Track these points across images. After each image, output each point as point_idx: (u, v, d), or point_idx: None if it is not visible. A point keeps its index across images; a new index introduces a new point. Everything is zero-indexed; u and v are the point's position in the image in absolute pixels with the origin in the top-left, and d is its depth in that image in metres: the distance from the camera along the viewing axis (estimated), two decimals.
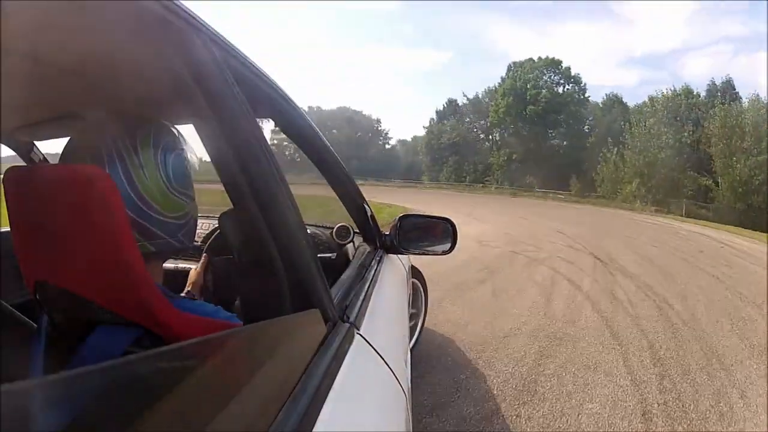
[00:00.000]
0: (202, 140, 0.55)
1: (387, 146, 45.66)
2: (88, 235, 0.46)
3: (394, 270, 1.46)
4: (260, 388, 0.40)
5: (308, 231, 0.62)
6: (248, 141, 0.54)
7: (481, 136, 37.73)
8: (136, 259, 0.47)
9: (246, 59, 0.64)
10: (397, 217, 1.45)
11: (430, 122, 40.42)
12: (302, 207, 0.64)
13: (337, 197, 1.29)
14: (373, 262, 1.23)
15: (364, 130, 43.66)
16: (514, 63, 34.95)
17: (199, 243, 1.44)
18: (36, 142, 1.26)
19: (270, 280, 0.57)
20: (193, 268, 1.17)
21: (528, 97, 32.49)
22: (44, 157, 1.31)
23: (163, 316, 0.48)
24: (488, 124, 35.58)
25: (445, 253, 1.45)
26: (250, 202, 0.55)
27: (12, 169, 0.51)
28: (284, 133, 0.92)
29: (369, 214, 1.37)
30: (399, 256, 1.60)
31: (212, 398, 0.35)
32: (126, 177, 0.52)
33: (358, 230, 1.50)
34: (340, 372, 0.54)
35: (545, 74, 33.46)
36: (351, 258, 1.48)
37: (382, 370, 0.73)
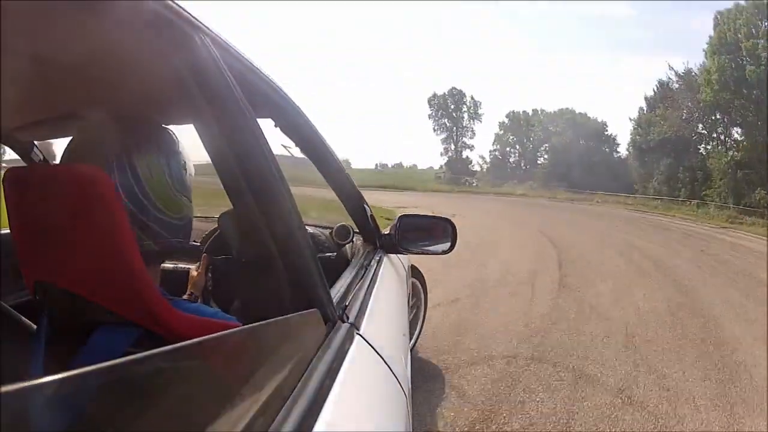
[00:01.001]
0: (202, 140, 0.55)
1: (615, 154, 35.23)
2: (88, 235, 0.46)
3: (393, 270, 1.46)
4: (260, 388, 0.40)
5: (308, 231, 0.62)
6: (248, 141, 0.54)
7: (701, 130, 24.79)
8: (136, 259, 0.47)
9: (246, 59, 0.64)
10: (397, 217, 1.45)
11: (639, 113, 27.89)
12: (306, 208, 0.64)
13: (338, 197, 1.29)
14: (372, 262, 1.23)
15: (588, 136, 35.20)
16: (719, 12, 22.97)
17: (198, 243, 1.44)
18: (36, 142, 1.26)
19: (270, 280, 0.57)
20: (193, 268, 1.17)
21: (744, 53, 21.50)
22: (44, 157, 1.31)
23: (163, 317, 0.48)
24: (703, 105, 23.61)
25: (444, 252, 1.45)
26: (250, 202, 0.55)
27: (12, 169, 0.51)
28: (284, 132, 0.92)
29: (369, 214, 1.37)
30: (399, 256, 1.60)
31: (212, 398, 0.35)
32: (134, 177, 0.53)
33: (357, 230, 1.50)
34: (340, 372, 0.54)
35: (760, 21, 21.36)
36: (351, 258, 1.48)
37: (382, 370, 0.73)
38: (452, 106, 41.41)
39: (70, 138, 0.59)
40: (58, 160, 0.61)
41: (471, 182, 36.31)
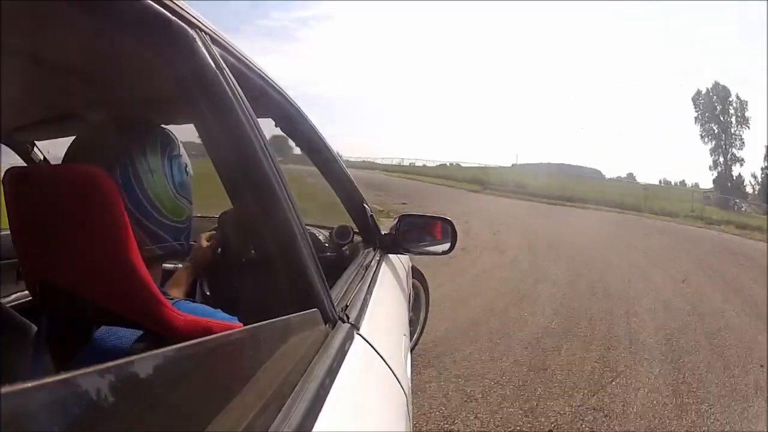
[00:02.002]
0: (202, 140, 0.55)
1: None
2: (88, 235, 0.46)
3: (394, 270, 1.46)
4: (260, 388, 0.40)
5: (308, 231, 0.62)
6: (248, 141, 0.54)
7: None
8: (137, 259, 0.47)
9: (247, 59, 0.64)
10: (398, 217, 1.45)
11: None
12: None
13: (338, 197, 1.29)
14: (373, 262, 1.23)
15: None
16: None
17: (197, 243, 1.44)
18: (36, 142, 1.26)
19: (270, 280, 0.57)
20: (204, 237, 1.15)
21: None
22: (44, 157, 1.31)
23: (164, 316, 0.48)
24: None
25: (444, 252, 1.45)
26: (250, 202, 0.55)
27: (12, 170, 0.51)
28: (284, 132, 0.93)
29: (369, 214, 1.37)
30: (399, 256, 1.60)
31: (212, 398, 0.35)
32: (137, 181, 0.53)
33: (358, 230, 1.50)
34: (340, 372, 0.54)
35: None
36: (351, 258, 1.48)
37: (383, 371, 0.73)
38: (718, 107, 30.42)
39: (69, 138, 0.59)
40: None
41: (740, 206, 24.47)
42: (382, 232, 1.43)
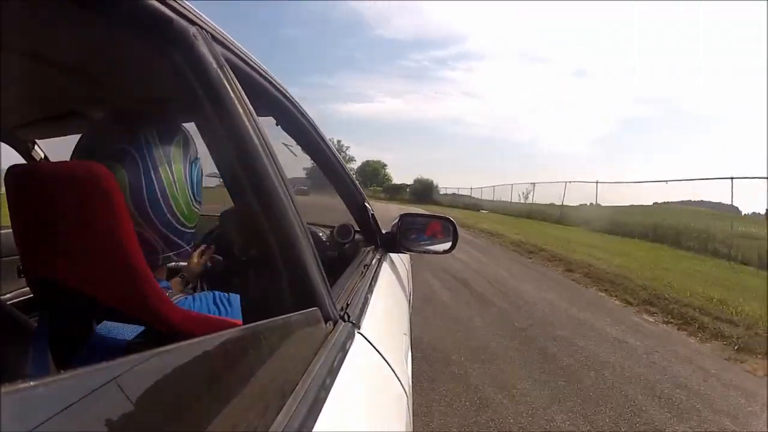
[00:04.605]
0: (203, 138, 0.55)
1: None
2: (90, 232, 0.46)
3: (394, 269, 1.45)
4: (260, 388, 0.40)
5: (309, 230, 0.62)
6: (249, 139, 0.53)
7: None
8: (138, 256, 0.47)
9: (248, 57, 0.64)
10: (398, 216, 1.45)
11: None
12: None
13: (339, 196, 1.29)
14: (374, 261, 1.23)
15: None
16: None
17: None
18: (37, 141, 1.26)
19: (271, 278, 0.57)
20: (195, 253, 1.16)
21: None
22: (45, 156, 1.32)
23: (165, 314, 0.48)
24: None
25: (446, 252, 1.44)
26: (251, 200, 0.55)
27: (13, 168, 0.51)
28: (285, 131, 0.92)
29: (370, 213, 1.37)
30: (400, 255, 1.60)
31: (212, 398, 0.35)
32: (162, 193, 0.53)
33: (359, 229, 1.50)
34: (340, 371, 0.54)
35: None
36: (352, 257, 1.48)
37: (383, 370, 0.73)
38: None
39: (80, 137, 0.58)
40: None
41: None
42: (383, 231, 1.43)
